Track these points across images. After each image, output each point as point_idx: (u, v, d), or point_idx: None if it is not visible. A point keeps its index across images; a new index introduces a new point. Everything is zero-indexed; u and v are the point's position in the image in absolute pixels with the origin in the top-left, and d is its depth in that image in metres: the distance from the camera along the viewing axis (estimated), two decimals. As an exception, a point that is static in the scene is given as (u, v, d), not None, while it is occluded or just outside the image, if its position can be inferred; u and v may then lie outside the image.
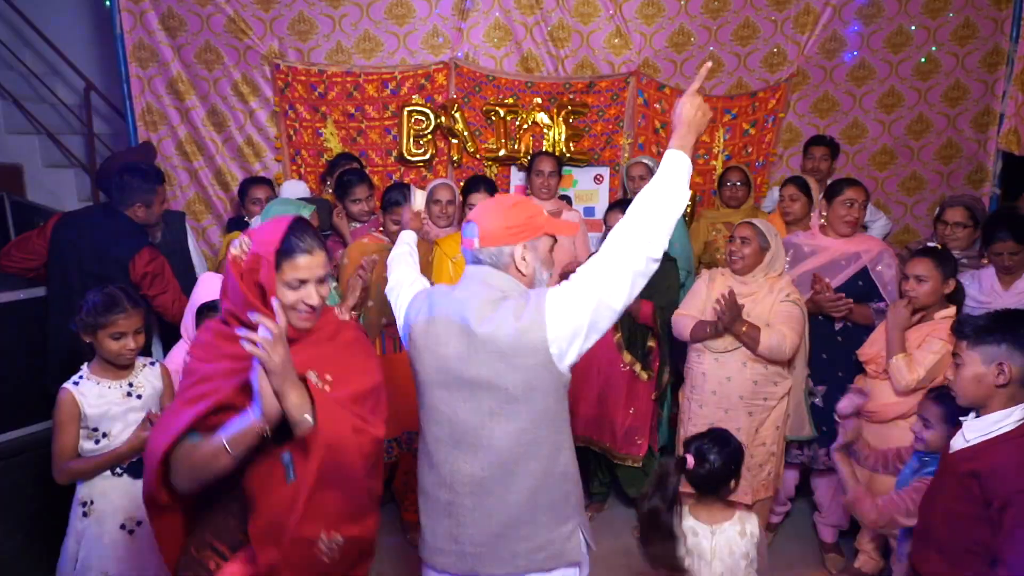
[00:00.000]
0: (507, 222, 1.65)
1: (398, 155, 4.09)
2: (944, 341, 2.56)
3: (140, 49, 3.94)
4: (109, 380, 2.15)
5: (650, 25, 4.02)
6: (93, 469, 2.12)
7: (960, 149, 4.17)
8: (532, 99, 4.05)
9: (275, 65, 3.97)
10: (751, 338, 2.64)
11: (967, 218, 3.02)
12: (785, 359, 2.70)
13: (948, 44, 4.03)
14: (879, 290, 2.93)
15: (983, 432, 1.77)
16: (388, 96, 4.05)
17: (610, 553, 3.18)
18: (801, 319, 2.71)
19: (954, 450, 1.84)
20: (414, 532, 3.01)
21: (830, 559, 3.12)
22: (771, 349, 2.64)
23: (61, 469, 2.10)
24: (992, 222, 2.78)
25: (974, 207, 3.06)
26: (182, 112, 4.04)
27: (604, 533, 3.36)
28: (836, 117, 4.16)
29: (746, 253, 2.76)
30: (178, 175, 4.13)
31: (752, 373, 2.74)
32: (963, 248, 3.01)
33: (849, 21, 4.01)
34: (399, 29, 4.00)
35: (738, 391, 2.75)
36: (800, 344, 2.77)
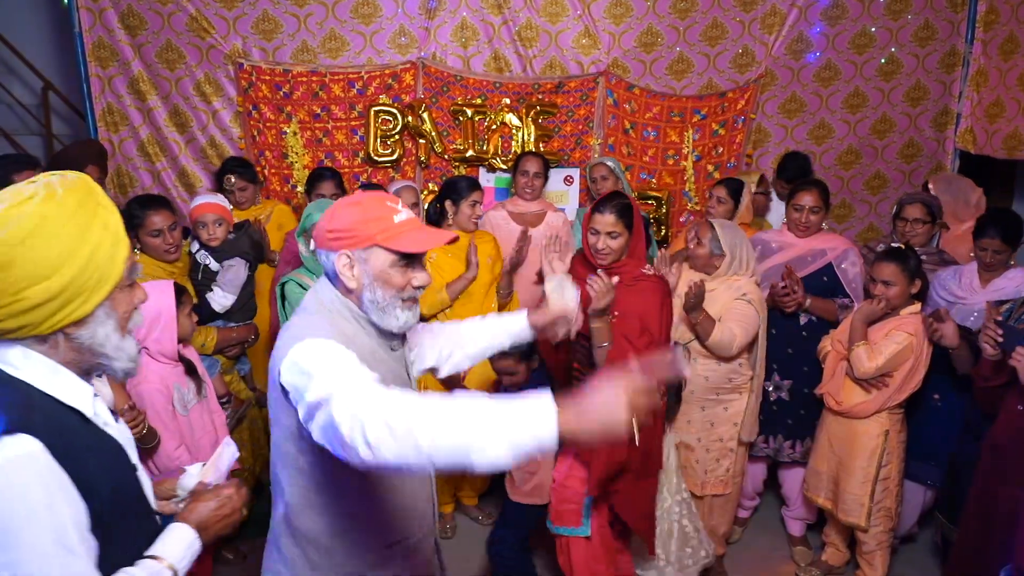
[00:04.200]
0: (331, 223, 1.41)
1: (365, 156, 4.05)
2: (908, 334, 2.62)
3: (100, 48, 3.84)
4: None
5: (618, 25, 4.03)
6: None
7: (921, 148, 4.25)
8: (501, 99, 4.04)
9: (239, 64, 3.90)
10: (704, 329, 2.65)
11: (925, 214, 3.09)
12: (729, 355, 2.72)
13: (909, 45, 4.11)
14: (844, 287, 2.98)
15: None
16: (355, 96, 4.00)
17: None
18: (754, 318, 2.70)
19: None
20: None
21: (798, 552, 3.17)
22: (717, 344, 2.65)
23: None
24: (985, 218, 2.86)
25: (931, 203, 3.13)
26: (144, 112, 3.95)
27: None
28: (804, 118, 4.21)
29: (699, 253, 2.78)
30: (140, 177, 4.04)
31: (704, 369, 2.76)
32: (922, 244, 3.08)
33: (814, 22, 4.06)
34: (365, 28, 3.96)
35: (689, 386, 2.77)
36: (752, 345, 2.79)
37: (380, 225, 1.38)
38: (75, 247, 1.00)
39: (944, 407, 2.84)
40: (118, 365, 1.11)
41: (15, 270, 0.96)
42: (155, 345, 2.25)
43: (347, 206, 1.42)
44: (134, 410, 2.09)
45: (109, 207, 1.08)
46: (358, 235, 1.38)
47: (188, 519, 1.21)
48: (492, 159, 4.06)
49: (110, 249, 1.04)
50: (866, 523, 2.74)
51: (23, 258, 0.96)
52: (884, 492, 2.75)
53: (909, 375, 2.65)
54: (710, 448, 2.82)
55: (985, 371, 2.40)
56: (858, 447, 2.73)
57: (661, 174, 4.17)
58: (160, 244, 2.64)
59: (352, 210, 1.41)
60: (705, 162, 4.16)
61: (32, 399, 1.03)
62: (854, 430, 2.74)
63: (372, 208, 1.41)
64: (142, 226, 2.60)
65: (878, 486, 2.73)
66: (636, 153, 4.15)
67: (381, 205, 1.41)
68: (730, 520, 3.01)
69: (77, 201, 1.02)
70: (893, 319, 2.68)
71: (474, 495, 3.48)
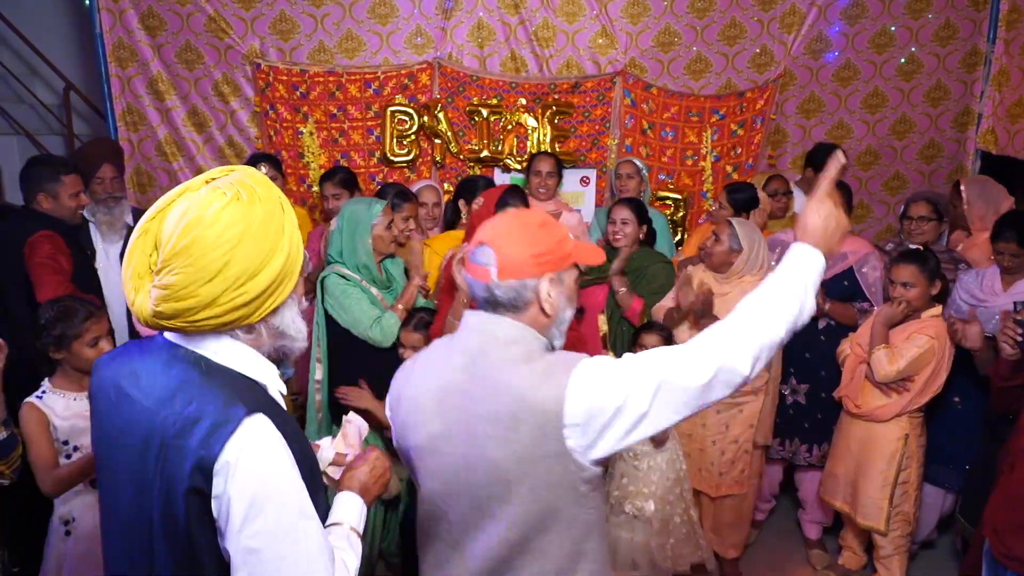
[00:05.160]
0: (535, 248, 1.27)
1: (381, 156, 4.06)
2: (930, 337, 2.59)
3: (120, 49, 3.89)
4: (75, 392, 2.09)
5: (636, 24, 4.01)
6: (85, 470, 2.04)
7: (941, 149, 4.20)
8: (516, 99, 4.04)
9: (256, 65, 3.93)
10: None
11: (931, 212, 3.06)
12: None
13: (930, 45, 4.06)
14: (863, 291, 2.95)
15: None
16: (371, 96, 4.02)
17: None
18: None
19: None
20: None
21: (814, 555, 3.14)
22: None
23: (48, 479, 2.01)
24: (1002, 222, 2.82)
25: (937, 201, 3.11)
26: (162, 112, 3.99)
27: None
28: (822, 118, 4.17)
29: (717, 251, 2.77)
30: (158, 176, 4.08)
31: None
32: (931, 241, 3.05)
33: (833, 21, 4.02)
34: (382, 28, 3.97)
35: None
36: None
37: (571, 241, 1.33)
38: (279, 240, 1.07)
39: (964, 410, 2.81)
40: (297, 345, 1.19)
41: (236, 267, 1.02)
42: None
43: (538, 226, 1.30)
44: None
45: (284, 197, 1.15)
46: (560, 254, 1.29)
47: (351, 487, 1.29)
48: (507, 159, 4.06)
49: (298, 237, 1.12)
50: (885, 527, 2.72)
51: (242, 255, 1.03)
52: (903, 496, 2.72)
53: (931, 379, 2.62)
54: (725, 451, 2.81)
55: (1004, 371, 2.37)
56: (877, 451, 2.70)
57: (680, 175, 4.15)
58: None
59: (547, 229, 1.30)
60: (724, 163, 4.13)
61: (247, 383, 1.11)
62: (873, 433, 2.71)
63: (558, 224, 1.35)
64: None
65: (897, 490, 2.70)
66: (654, 154, 4.13)
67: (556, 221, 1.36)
68: (746, 522, 2.99)
69: (274, 197, 1.09)
70: (914, 322, 2.65)
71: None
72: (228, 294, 1.03)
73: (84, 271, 2.89)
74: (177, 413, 1.03)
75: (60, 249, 2.68)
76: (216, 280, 1.01)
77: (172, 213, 1.04)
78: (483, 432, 1.24)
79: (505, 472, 1.23)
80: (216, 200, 1.03)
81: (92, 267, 3.09)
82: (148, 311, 1.04)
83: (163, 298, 1.02)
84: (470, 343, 1.30)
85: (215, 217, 1.02)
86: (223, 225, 1.02)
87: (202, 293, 1.01)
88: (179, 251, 1.01)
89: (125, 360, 1.15)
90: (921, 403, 2.65)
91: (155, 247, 1.04)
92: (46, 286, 2.58)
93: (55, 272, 2.61)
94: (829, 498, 2.89)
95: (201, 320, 1.04)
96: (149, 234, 1.05)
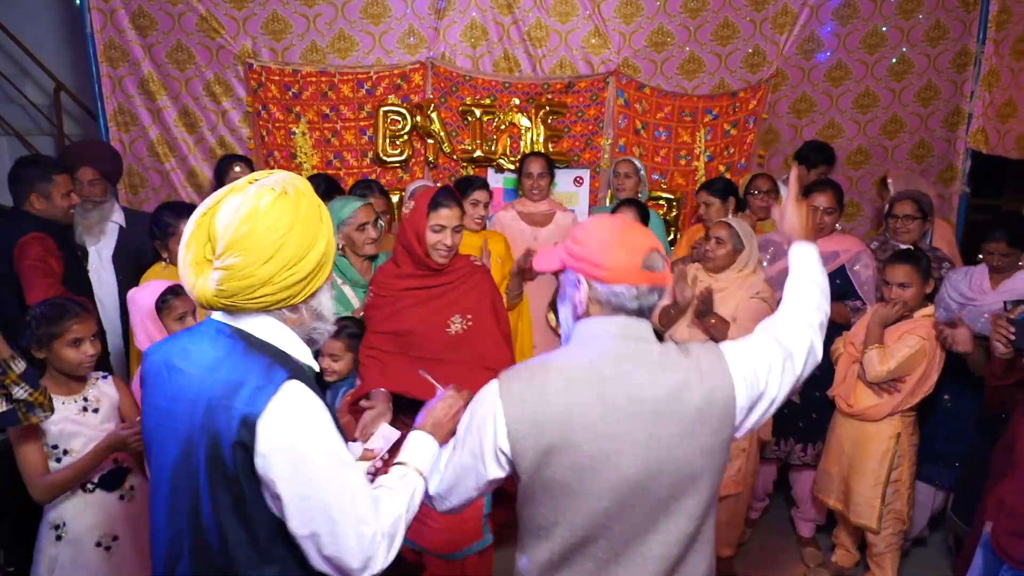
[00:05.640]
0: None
1: (374, 156, 4.05)
2: (921, 338, 2.61)
3: (111, 49, 3.86)
4: (63, 396, 2.07)
5: (629, 24, 4.02)
6: (75, 477, 2.03)
7: (932, 148, 4.22)
8: (510, 99, 4.04)
9: (248, 65, 3.91)
10: (719, 331, 2.65)
11: (916, 210, 3.08)
12: None
13: (920, 45, 4.08)
14: (856, 289, 2.97)
15: None
16: (363, 96, 4.01)
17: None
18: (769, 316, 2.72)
19: None
20: None
21: (808, 553, 3.15)
22: None
23: (39, 485, 2.00)
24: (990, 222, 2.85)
25: (920, 199, 3.13)
26: (153, 113, 3.97)
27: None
28: (813, 117, 4.19)
29: (720, 254, 2.78)
30: (150, 177, 4.05)
31: None
32: (915, 240, 3.07)
33: (825, 22, 4.04)
34: (374, 28, 3.96)
35: None
36: None
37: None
38: (320, 228, 1.22)
39: (955, 408, 2.83)
40: (328, 328, 1.32)
41: (288, 250, 1.17)
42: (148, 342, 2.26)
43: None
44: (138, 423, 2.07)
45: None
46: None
47: (423, 426, 1.42)
48: (500, 159, 4.06)
49: (331, 229, 1.26)
50: (877, 525, 2.73)
51: (293, 240, 1.17)
52: (895, 495, 2.73)
53: (922, 379, 2.63)
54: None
55: (997, 370, 2.38)
56: (869, 449, 2.72)
57: (673, 175, 4.16)
58: None
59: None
60: (717, 162, 4.14)
61: (286, 356, 1.23)
62: (865, 432, 2.73)
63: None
64: (174, 235, 2.56)
65: (889, 488, 2.72)
66: (647, 154, 4.14)
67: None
68: (741, 520, 3.00)
69: (312, 193, 1.24)
70: (906, 322, 2.67)
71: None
72: (282, 274, 1.17)
73: (75, 272, 2.87)
74: (223, 378, 1.16)
75: (50, 251, 2.65)
76: (272, 261, 1.16)
77: (223, 209, 1.18)
78: (668, 433, 1.24)
79: (691, 466, 1.27)
80: (266, 195, 1.18)
81: (84, 268, 3.06)
82: (211, 291, 1.17)
83: (226, 278, 1.16)
84: (612, 348, 1.28)
85: (268, 208, 1.16)
86: (275, 215, 1.16)
87: (260, 272, 1.16)
88: (239, 237, 1.15)
89: (174, 341, 1.30)
90: (912, 403, 2.66)
91: (208, 238, 1.18)
92: (36, 289, 2.55)
93: (45, 274, 2.59)
94: (823, 496, 2.91)
95: (258, 297, 1.18)
96: (202, 228, 1.19)
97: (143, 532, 2.17)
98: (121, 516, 2.14)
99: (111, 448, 2.04)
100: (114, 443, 2.03)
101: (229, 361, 1.18)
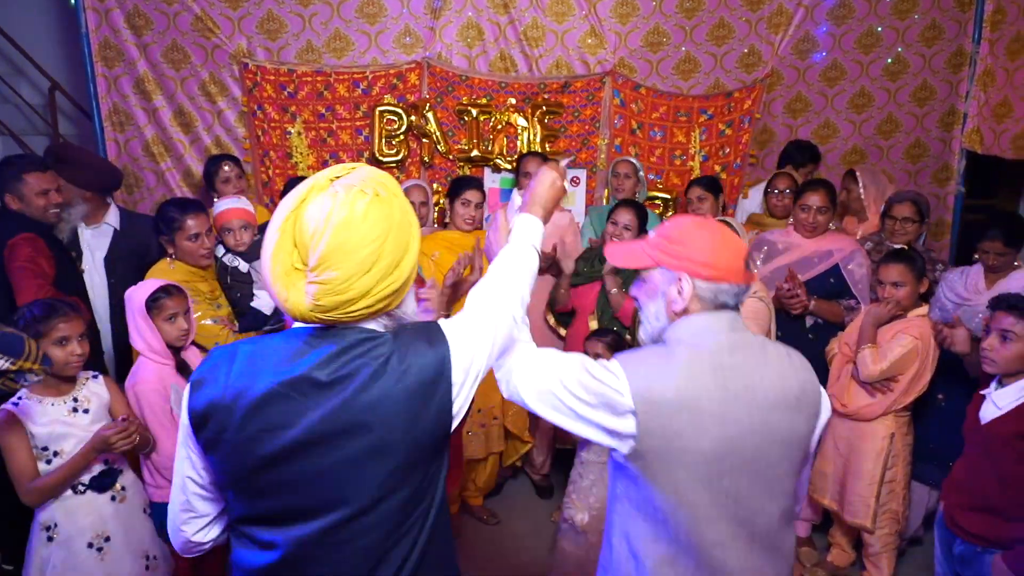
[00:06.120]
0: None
1: (370, 156, 4.04)
2: (914, 338, 2.61)
3: (106, 48, 3.85)
4: (52, 397, 2.06)
5: (625, 24, 4.02)
6: (64, 480, 2.02)
7: (927, 148, 4.23)
8: (506, 99, 4.03)
9: (243, 64, 3.90)
10: None
11: (914, 212, 3.09)
12: None
13: (916, 45, 4.09)
14: (850, 288, 2.97)
15: (1016, 398, 2.01)
16: (359, 96, 4.00)
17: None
18: (766, 315, 2.74)
19: (988, 420, 2.06)
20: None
21: (803, 553, 3.15)
22: None
23: (29, 490, 2.00)
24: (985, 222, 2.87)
25: (919, 201, 3.13)
26: (149, 112, 3.96)
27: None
28: (808, 117, 4.19)
29: None
30: (145, 177, 4.04)
31: None
32: (912, 242, 3.08)
33: (820, 22, 4.05)
34: (370, 28, 3.96)
35: None
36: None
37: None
38: (412, 231, 1.17)
39: (949, 407, 2.83)
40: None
41: (386, 259, 1.12)
42: (140, 341, 2.26)
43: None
44: (128, 420, 2.06)
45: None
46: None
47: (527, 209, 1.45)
48: (497, 159, 4.06)
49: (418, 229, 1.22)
50: (872, 524, 2.73)
51: (390, 248, 1.12)
52: (890, 495, 2.74)
53: (915, 378, 2.63)
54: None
55: None
56: (864, 449, 2.72)
57: (668, 174, 4.16)
58: (197, 248, 2.61)
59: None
60: (712, 162, 4.14)
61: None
62: (860, 432, 2.73)
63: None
64: (180, 230, 2.57)
65: (883, 488, 2.72)
66: (643, 153, 4.14)
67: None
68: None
69: (401, 193, 1.20)
70: (899, 321, 2.67)
71: (479, 495, 3.48)
72: (380, 284, 1.12)
73: (68, 273, 2.85)
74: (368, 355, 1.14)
75: (41, 252, 2.64)
76: (371, 272, 1.10)
77: (308, 212, 1.11)
78: (776, 419, 1.33)
79: (791, 450, 1.36)
80: (359, 199, 1.11)
81: (77, 269, 3.04)
82: (305, 306, 1.11)
83: (324, 292, 1.10)
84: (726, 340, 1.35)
85: (364, 215, 1.10)
86: (371, 222, 1.10)
87: (359, 285, 1.10)
88: (334, 248, 1.08)
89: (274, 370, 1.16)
90: (906, 402, 2.67)
91: (294, 244, 1.12)
92: (25, 291, 2.54)
93: (35, 276, 2.57)
94: (818, 496, 2.91)
95: (357, 310, 1.12)
96: (286, 234, 1.12)
97: (134, 533, 2.17)
98: (112, 517, 2.13)
99: (97, 450, 2.04)
100: (99, 444, 2.02)
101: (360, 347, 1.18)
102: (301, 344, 1.15)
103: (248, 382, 1.13)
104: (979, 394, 2.18)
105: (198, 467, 1.21)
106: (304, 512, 1.14)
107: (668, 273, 1.38)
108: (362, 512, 1.14)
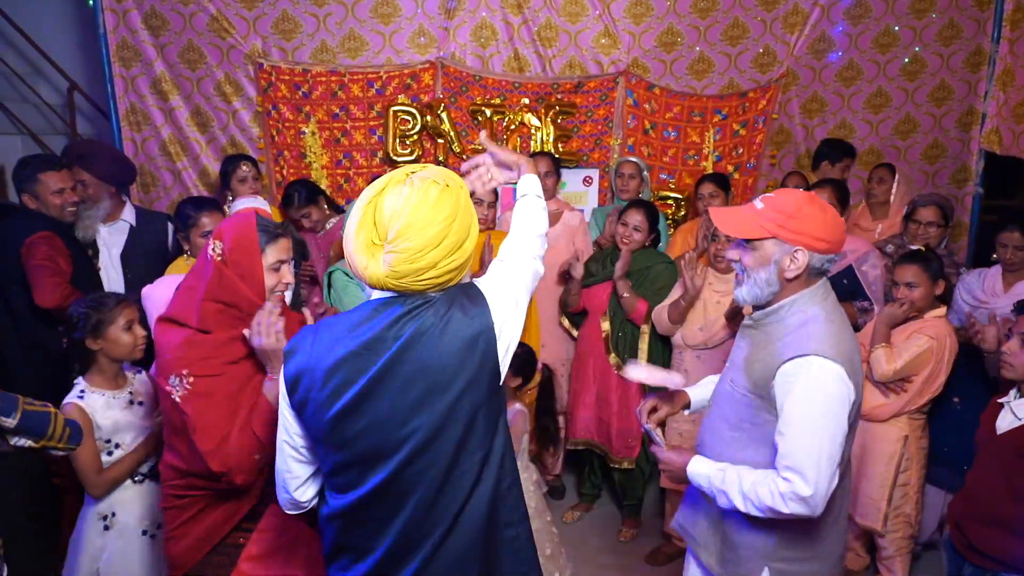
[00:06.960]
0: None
1: (384, 156, 4.07)
2: (929, 338, 2.58)
3: (123, 49, 3.89)
4: (113, 391, 2.12)
5: (639, 24, 4.01)
6: (129, 471, 2.09)
7: (945, 149, 4.18)
8: (520, 99, 4.04)
9: (258, 64, 3.93)
10: None
11: (939, 217, 3.05)
12: None
13: (933, 44, 4.04)
14: (864, 289, 2.95)
15: None
16: (373, 96, 4.02)
17: (598, 551, 3.18)
18: None
19: (1005, 430, 2.00)
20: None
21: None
22: None
23: (97, 483, 2.05)
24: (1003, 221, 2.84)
25: (945, 206, 3.10)
26: (166, 112, 4.00)
27: (592, 532, 3.36)
28: (825, 117, 4.16)
29: None
30: (162, 176, 4.09)
31: None
32: (934, 246, 3.04)
33: (837, 21, 4.01)
34: (385, 28, 3.97)
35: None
36: None
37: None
38: (473, 219, 1.36)
39: (964, 410, 2.80)
40: None
41: (452, 238, 1.30)
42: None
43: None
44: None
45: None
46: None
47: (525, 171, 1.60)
48: (510, 159, 4.06)
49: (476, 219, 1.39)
50: (882, 527, 2.71)
51: (456, 229, 1.31)
52: (903, 498, 2.71)
53: (929, 379, 2.61)
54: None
55: None
56: (876, 452, 2.70)
57: (681, 175, 4.15)
58: None
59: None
60: (725, 162, 4.13)
61: None
62: (872, 434, 2.71)
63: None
64: (195, 226, 2.60)
65: (896, 492, 2.69)
66: (656, 153, 4.13)
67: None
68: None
69: (465, 187, 1.38)
70: (915, 322, 2.64)
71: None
72: (447, 259, 1.31)
73: (85, 271, 2.89)
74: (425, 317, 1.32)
75: (59, 250, 2.67)
76: (440, 247, 1.29)
77: (387, 198, 1.30)
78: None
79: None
80: (432, 188, 1.30)
81: (94, 267, 3.08)
82: (382, 272, 1.30)
83: (400, 261, 1.28)
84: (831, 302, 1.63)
85: (436, 200, 1.29)
86: (441, 206, 1.30)
87: (429, 257, 1.29)
88: (410, 224, 1.27)
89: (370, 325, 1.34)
90: (919, 404, 2.64)
91: (375, 224, 1.30)
92: (43, 288, 2.58)
93: (52, 274, 2.61)
94: (830, 499, 2.88)
95: (426, 279, 1.30)
96: (368, 215, 1.31)
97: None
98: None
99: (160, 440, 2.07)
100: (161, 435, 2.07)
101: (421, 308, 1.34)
102: (371, 311, 1.34)
103: (328, 347, 1.33)
104: (995, 401, 2.14)
105: (291, 431, 1.40)
106: (377, 456, 1.32)
107: (783, 245, 1.55)
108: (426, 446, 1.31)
